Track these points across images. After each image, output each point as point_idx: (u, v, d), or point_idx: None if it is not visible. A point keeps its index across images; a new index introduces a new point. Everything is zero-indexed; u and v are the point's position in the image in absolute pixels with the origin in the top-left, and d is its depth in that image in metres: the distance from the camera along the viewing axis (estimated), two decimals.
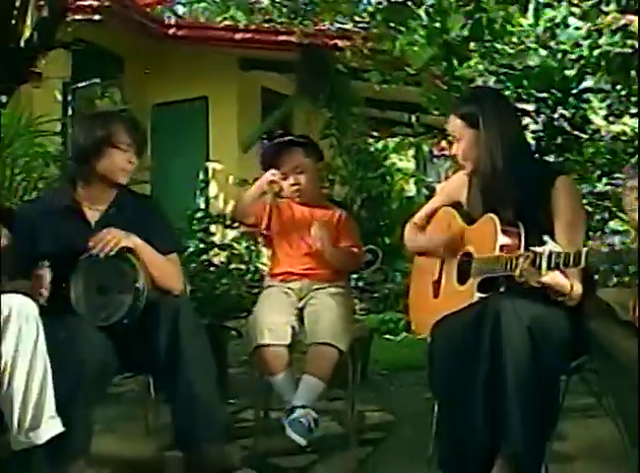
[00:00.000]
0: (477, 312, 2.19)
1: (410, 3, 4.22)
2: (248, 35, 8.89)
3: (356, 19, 11.19)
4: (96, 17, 7.65)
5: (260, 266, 6.18)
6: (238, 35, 8.88)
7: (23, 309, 2.14)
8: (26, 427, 2.14)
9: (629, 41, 3.87)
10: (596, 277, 2.21)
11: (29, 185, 4.11)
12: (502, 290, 2.27)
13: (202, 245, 4.36)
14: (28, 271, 2.46)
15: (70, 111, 8.41)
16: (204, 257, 4.27)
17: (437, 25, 3.97)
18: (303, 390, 2.58)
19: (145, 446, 2.84)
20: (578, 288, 2.18)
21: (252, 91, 9.60)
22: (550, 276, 2.09)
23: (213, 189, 9.05)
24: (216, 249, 4.44)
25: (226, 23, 12.80)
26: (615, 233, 5.30)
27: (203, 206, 8.32)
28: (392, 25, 4.42)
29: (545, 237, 2.09)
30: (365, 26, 9.02)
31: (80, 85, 8.56)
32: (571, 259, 1.99)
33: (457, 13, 4.07)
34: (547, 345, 2.09)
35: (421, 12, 4.01)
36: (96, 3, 7.69)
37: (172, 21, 9.48)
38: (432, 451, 2.47)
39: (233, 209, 3.02)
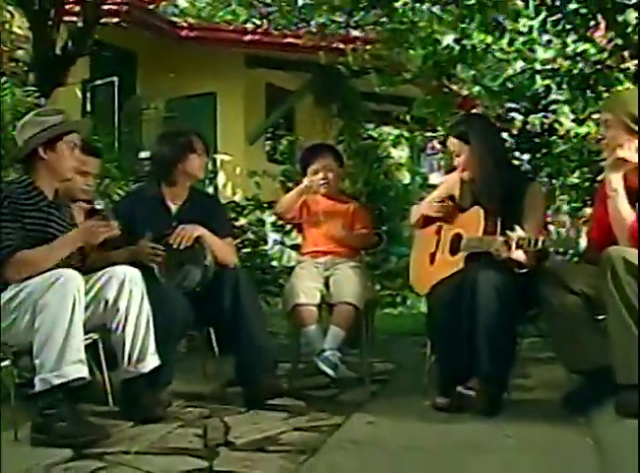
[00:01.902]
0: (460, 277, 3.03)
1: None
2: (257, 37, 9.54)
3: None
4: (115, 20, 8.32)
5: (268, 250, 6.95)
6: (247, 37, 9.52)
7: (133, 277, 2.96)
8: (134, 360, 2.95)
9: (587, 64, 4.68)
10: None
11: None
12: (479, 262, 3.07)
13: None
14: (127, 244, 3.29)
15: (89, 108, 9.08)
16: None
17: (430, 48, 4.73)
18: (330, 337, 3.40)
19: (206, 386, 3.56)
20: (532, 262, 2.99)
21: (257, 87, 10.14)
22: (516, 254, 2.92)
23: (221, 179, 9.68)
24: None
25: (229, 17, 13.48)
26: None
27: None
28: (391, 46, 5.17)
29: (516, 226, 2.91)
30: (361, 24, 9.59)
31: (98, 82, 9.24)
32: (532, 243, 2.81)
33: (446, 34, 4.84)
34: (510, 300, 2.93)
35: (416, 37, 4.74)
36: (114, 7, 8.36)
37: (185, 23, 10.07)
38: (426, 384, 3.31)
39: (277, 207, 3.88)
